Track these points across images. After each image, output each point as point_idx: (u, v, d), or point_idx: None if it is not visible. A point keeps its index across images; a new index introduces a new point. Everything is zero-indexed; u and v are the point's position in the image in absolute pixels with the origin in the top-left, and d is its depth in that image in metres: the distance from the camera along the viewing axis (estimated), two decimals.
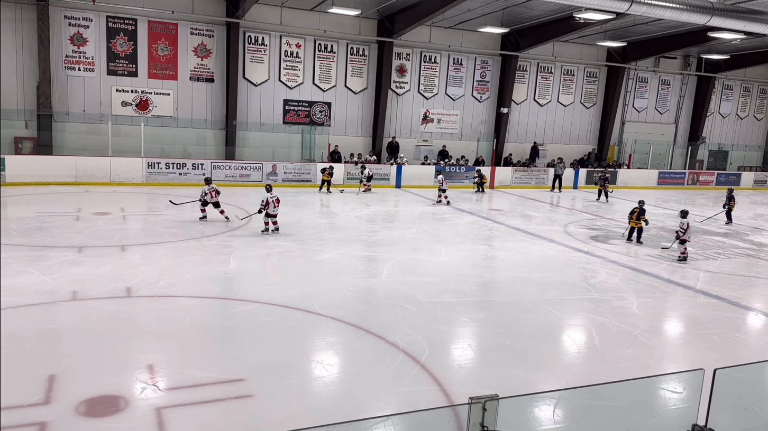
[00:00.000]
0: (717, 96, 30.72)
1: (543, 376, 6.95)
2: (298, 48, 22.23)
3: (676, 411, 3.82)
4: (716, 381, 3.28)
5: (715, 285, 11.15)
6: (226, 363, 6.70)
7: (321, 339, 7.70)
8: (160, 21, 20.24)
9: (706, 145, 30.82)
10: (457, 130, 25.60)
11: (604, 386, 3.60)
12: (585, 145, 28.23)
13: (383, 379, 6.56)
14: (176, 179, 19.77)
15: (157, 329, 7.62)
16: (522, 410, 3.61)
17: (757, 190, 29.29)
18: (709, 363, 6.67)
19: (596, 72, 27.70)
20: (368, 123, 23.92)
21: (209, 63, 21.16)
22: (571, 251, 13.42)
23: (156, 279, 9.50)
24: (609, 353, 7.74)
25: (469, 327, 8.58)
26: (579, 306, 9.59)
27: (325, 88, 22.95)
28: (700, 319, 9.26)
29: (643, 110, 29.28)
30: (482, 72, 25.45)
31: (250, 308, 8.57)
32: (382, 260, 11.81)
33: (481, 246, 13.64)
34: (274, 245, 12.43)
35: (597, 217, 18.29)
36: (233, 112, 21.28)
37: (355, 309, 8.80)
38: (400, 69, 23.97)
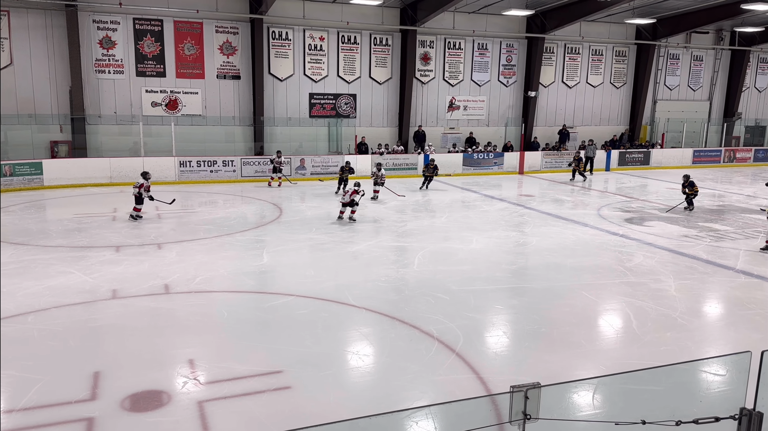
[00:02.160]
0: (752, 70, 29.72)
1: (581, 362, 6.88)
2: (322, 41, 22.25)
3: (721, 395, 3.73)
4: (764, 363, 3.19)
5: (755, 264, 10.85)
6: (263, 356, 6.80)
7: (355, 330, 7.75)
8: (185, 20, 20.47)
9: (743, 120, 29.88)
10: (484, 116, 25.33)
11: (646, 371, 3.54)
12: (616, 125, 27.66)
13: (419, 368, 6.58)
14: (208, 176, 20.05)
15: (195, 324, 7.77)
16: (562, 397, 3.58)
17: None
18: (751, 344, 6.51)
19: (625, 51, 27.05)
20: (394, 113, 23.85)
21: (235, 60, 21.33)
22: (606, 234, 13.20)
23: (192, 275, 9.68)
24: (648, 337, 7.61)
25: (503, 315, 8.53)
26: (615, 290, 9.44)
27: (349, 80, 22.94)
28: (741, 300, 9.03)
29: (675, 88, 28.53)
30: (508, 56, 25.10)
31: (285, 301, 8.67)
32: (413, 250, 11.80)
33: (513, 232, 13.52)
34: (306, 238, 12.52)
35: (631, 199, 17.95)
36: (260, 107, 21.45)
37: (388, 299, 8.82)
38: (424, 57, 23.79)
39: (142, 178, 13.81)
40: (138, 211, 13.74)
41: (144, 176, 13.86)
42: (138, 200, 13.62)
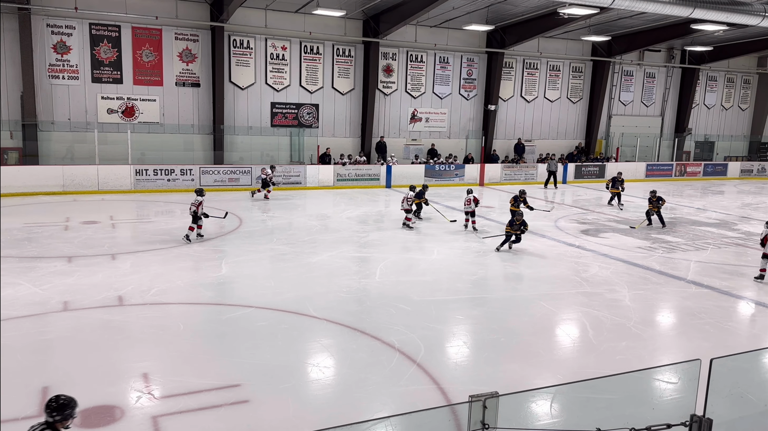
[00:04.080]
0: (701, 87, 30.95)
1: (539, 371, 6.98)
2: (284, 50, 22.17)
3: (673, 402, 3.84)
4: (712, 370, 3.30)
5: (705, 275, 11.24)
6: (221, 369, 6.67)
7: (316, 342, 7.68)
8: (143, 27, 20.10)
9: (693, 136, 31.04)
10: (446, 128, 25.62)
11: (602, 380, 3.61)
12: (573, 139, 28.36)
13: (380, 380, 6.56)
14: (165, 185, 19.65)
15: (150, 337, 7.57)
16: (520, 406, 3.62)
17: (744, 179, 29.56)
18: (703, 353, 6.71)
19: (582, 67, 27.82)
20: (356, 123, 23.89)
21: (195, 68, 21.04)
22: (563, 245, 13.47)
23: (148, 286, 9.44)
24: (604, 346, 7.78)
25: (463, 325, 8.59)
26: (572, 300, 9.63)
27: (312, 90, 22.90)
28: (692, 310, 9.33)
29: (629, 103, 29.46)
30: (469, 70, 25.49)
31: (244, 313, 8.53)
32: (375, 260, 11.80)
33: (474, 243, 13.66)
34: (267, 249, 12.38)
35: (587, 211, 18.38)
36: (220, 116, 21.18)
37: (349, 310, 8.78)
38: (387, 69, 23.96)
39: (197, 194, 12.75)
40: (193, 229, 12.73)
41: (199, 193, 12.80)
42: (195, 219, 12.67)
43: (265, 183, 18.94)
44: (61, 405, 4.08)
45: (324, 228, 15.01)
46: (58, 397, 4.14)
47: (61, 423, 4.08)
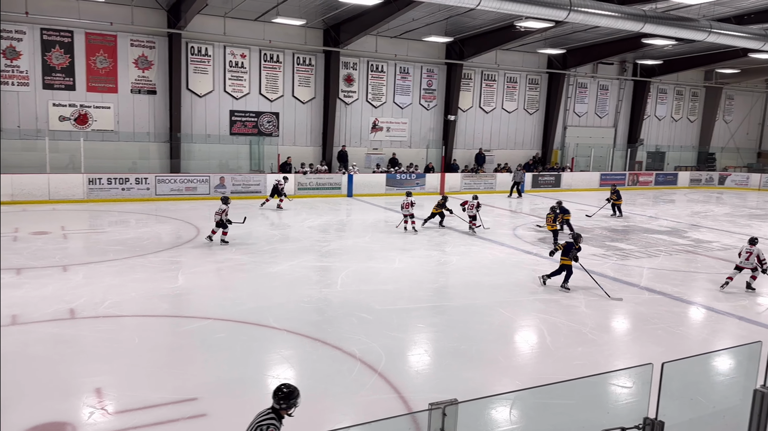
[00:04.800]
0: (652, 99, 32.05)
1: (498, 378, 7.05)
2: (243, 58, 21.97)
3: (627, 406, 3.93)
4: (664, 374, 3.39)
5: (658, 281, 11.58)
6: (177, 383, 6.51)
7: (276, 353, 7.59)
8: (98, 33, 19.62)
9: (644, 146, 32.08)
10: (407, 138, 25.80)
11: (558, 385, 3.68)
12: (530, 149, 28.93)
13: (341, 390, 6.51)
14: (119, 195, 19.16)
15: (103, 351, 7.34)
16: (480, 413, 3.65)
17: (693, 188, 30.69)
18: (655, 357, 6.90)
19: (538, 79, 28.46)
20: (318, 132, 23.82)
21: (151, 75, 20.64)
22: (521, 253, 13.69)
23: (101, 299, 9.16)
24: (561, 352, 7.92)
25: (425, 333, 8.63)
26: (530, 307, 9.79)
27: (272, 98, 22.74)
28: (645, 315, 9.59)
29: (583, 115, 30.25)
30: (429, 80, 25.77)
31: (202, 325, 8.36)
32: (336, 270, 11.75)
33: (434, 252, 13.76)
34: (225, 259, 12.18)
35: (544, 219, 18.72)
36: (177, 124, 20.81)
37: (310, 320, 8.71)
38: (348, 78, 24.00)
39: (223, 203, 13.34)
40: (215, 233, 13.40)
41: (225, 201, 13.40)
42: (220, 224, 13.23)
43: (278, 191, 19.10)
44: (287, 394, 4.31)
45: (284, 237, 14.88)
46: (285, 386, 4.37)
47: (285, 410, 4.31)
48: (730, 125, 34.69)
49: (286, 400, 4.29)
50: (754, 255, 11.09)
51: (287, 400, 4.29)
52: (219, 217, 13.15)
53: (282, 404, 4.28)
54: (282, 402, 4.28)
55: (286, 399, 4.29)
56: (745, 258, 11.17)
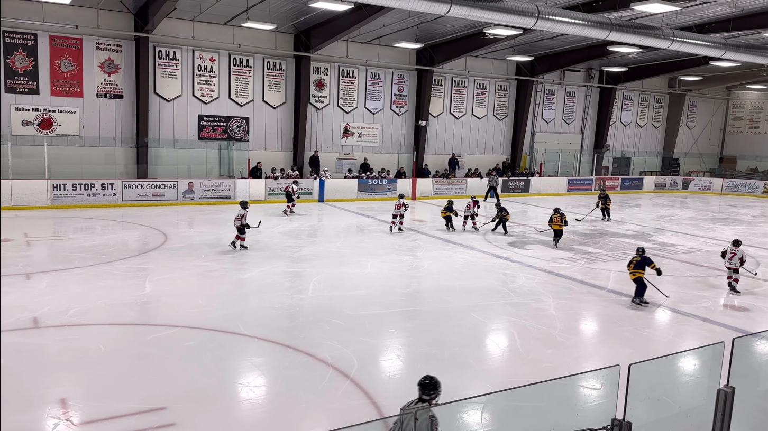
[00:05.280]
0: (618, 106, 32.74)
1: (470, 381, 7.09)
2: (212, 62, 21.75)
3: (596, 407, 4.00)
4: (631, 375, 3.46)
5: (624, 284, 11.80)
6: (145, 392, 6.38)
7: (246, 361, 7.50)
8: (62, 36, 19.19)
9: (611, 152, 32.73)
10: (378, 143, 25.84)
11: (529, 387, 3.71)
12: (499, 155, 29.26)
13: (313, 397, 6.47)
14: (85, 201, 18.74)
15: (68, 360, 7.15)
16: (452, 417, 3.67)
17: (658, 193, 31.42)
18: (623, 358, 7.04)
19: (507, 85, 28.83)
20: (288, 137, 23.69)
21: (117, 79, 20.27)
22: (491, 258, 13.82)
23: (66, 307, 8.93)
24: (531, 354, 8.01)
25: (397, 338, 8.63)
26: (501, 311, 9.88)
27: (242, 103, 22.54)
28: (612, 317, 9.77)
29: (551, 121, 30.74)
30: (399, 86, 25.87)
31: (170, 333, 8.22)
32: (308, 275, 11.68)
33: (406, 256, 13.79)
34: (194, 265, 12.01)
35: (513, 224, 18.95)
36: (144, 128, 20.47)
37: (281, 327, 8.64)
38: (319, 83, 23.95)
39: (242, 207, 13.47)
40: (243, 240, 13.47)
41: (244, 206, 13.54)
42: (241, 230, 13.33)
43: (289, 197, 19.28)
44: (435, 383, 4.54)
45: (254, 243, 14.72)
46: (429, 377, 4.57)
47: (434, 399, 4.48)
48: (693, 131, 35.65)
49: (435, 390, 4.52)
50: (737, 256, 11.55)
51: (436, 389, 4.53)
52: (239, 222, 13.23)
53: (432, 394, 4.51)
54: (432, 393, 4.51)
55: (435, 389, 4.52)
56: (729, 258, 11.70)
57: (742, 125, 35.80)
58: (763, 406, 5.43)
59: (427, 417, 3.99)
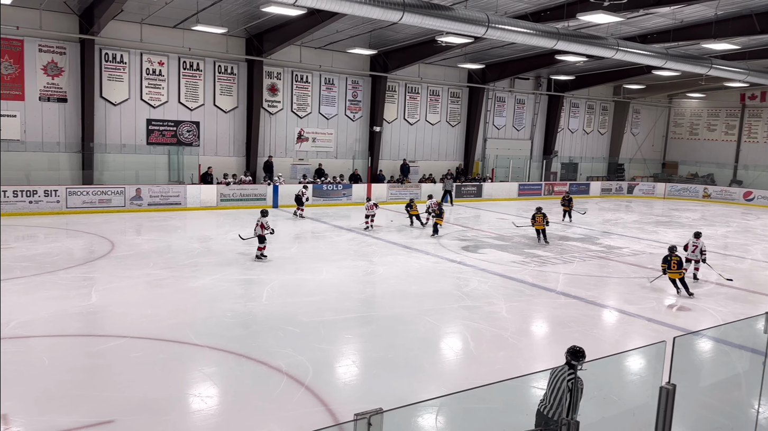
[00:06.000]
0: (566, 113, 33.67)
1: (425, 385, 7.14)
2: (161, 66, 21.27)
3: None
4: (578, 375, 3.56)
5: (573, 286, 12.14)
6: (92, 405, 6.17)
7: (198, 371, 7.34)
8: (2, 37, 18.38)
9: (559, 158, 33.60)
10: (333, 149, 25.78)
11: (482, 389, 3.78)
12: (452, 161, 29.64)
13: (267, 405, 6.39)
14: (26, 208, 17.99)
15: (10, 374, 6.83)
16: (407, 421, 3.69)
17: (604, 197, 32.43)
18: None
19: (459, 92, 29.26)
20: (241, 142, 23.37)
21: (61, 82, 19.57)
22: (445, 262, 13.97)
23: (7, 319, 8.54)
24: (484, 357, 8.14)
25: (352, 344, 8.62)
26: (455, 314, 10.00)
27: (192, 107, 22.11)
28: (562, 319, 10.02)
29: (502, 127, 31.36)
30: (354, 92, 25.91)
31: (118, 343, 7.97)
32: (262, 283, 11.54)
33: (361, 262, 13.79)
34: (142, 274, 11.69)
35: (467, 228, 19.23)
36: (90, 133, 19.82)
37: (234, 335, 8.50)
38: (272, 88, 23.74)
39: (262, 215, 13.54)
40: (262, 249, 13.43)
41: (264, 214, 13.67)
42: (261, 239, 13.33)
43: (299, 200, 19.90)
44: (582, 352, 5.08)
45: (206, 250, 14.46)
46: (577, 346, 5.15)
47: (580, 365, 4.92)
48: (637, 137, 36.99)
49: (583, 357, 5.04)
50: (699, 248, 12.51)
51: (583, 357, 5.04)
52: (261, 230, 13.25)
53: (580, 360, 5.00)
54: (581, 359, 5.01)
55: (583, 356, 5.04)
56: (692, 251, 12.69)
57: (683, 132, 37.37)
58: (704, 401, 5.68)
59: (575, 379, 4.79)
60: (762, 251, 17.36)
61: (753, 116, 34.04)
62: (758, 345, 5.37)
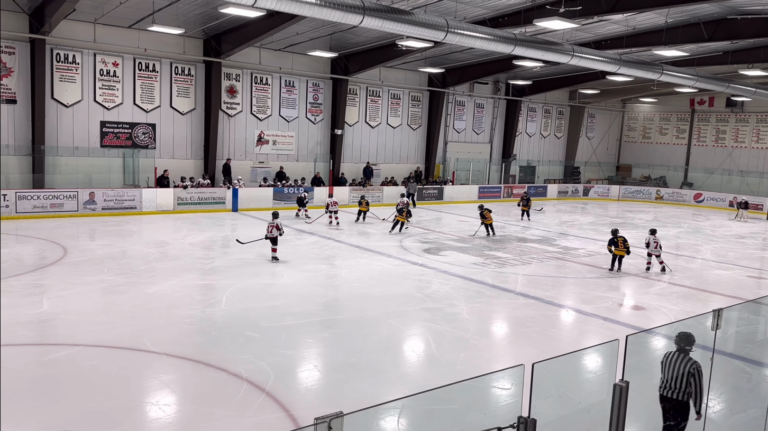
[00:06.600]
0: (523, 117, 34.29)
1: (387, 388, 7.15)
2: (116, 66, 20.74)
3: (505, 407, 4.15)
4: (535, 374, 3.62)
5: (531, 287, 12.35)
6: (44, 416, 5.96)
7: (155, 379, 7.18)
8: None
9: (517, 161, 34.20)
10: (294, 151, 25.59)
11: (443, 390, 3.80)
12: (414, 164, 29.82)
13: (226, 413, 6.29)
14: None
15: None
16: (369, 424, 3.68)
17: (561, 199, 33.14)
18: (530, 358, 7.32)
19: (420, 96, 29.48)
20: (199, 145, 22.97)
21: (10, 83, 18.87)
22: (407, 264, 14.03)
23: None
24: (445, 358, 8.20)
25: (314, 348, 8.57)
26: (416, 316, 10.05)
27: (148, 109, 21.63)
28: (521, 319, 10.19)
29: (462, 131, 31.72)
30: (315, 94, 25.79)
31: (71, 352, 7.73)
32: (221, 288, 11.36)
33: (323, 265, 13.73)
34: (96, 280, 11.36)
35: (428, 231, 19.36)
36: (41, 135, 19.17)
37: (192, 342, 8.34)
38: (231, 90, 23.42)
39: (274, 217, 13.82)
40: (275, 251, 13.75)
41: (276, 215, 13.93)
42: (275, 241, 13.61)
43: (301, 202, 20.65)
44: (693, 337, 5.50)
45: (163, 255, 14.15)
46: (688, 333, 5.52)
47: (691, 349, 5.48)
48: (593, 141, 37.94)
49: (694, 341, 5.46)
50: (658, 244, 13.94)
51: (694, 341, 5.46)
52: (274, 232, 13.50)
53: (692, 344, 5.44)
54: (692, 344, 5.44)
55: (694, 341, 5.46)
56: (654, 247, 13.99)
57: (636, 136, 38.52)
58: (657, 397, 5.85)
59: (694, 361, 5.45)
60: (712, 251, 18.03)
61: (702, 120, 35.36)
62: (707, 341, 5.57)
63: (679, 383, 5.45)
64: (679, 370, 5.46)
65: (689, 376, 5.42)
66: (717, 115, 34.55)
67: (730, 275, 14.52)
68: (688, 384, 5.43)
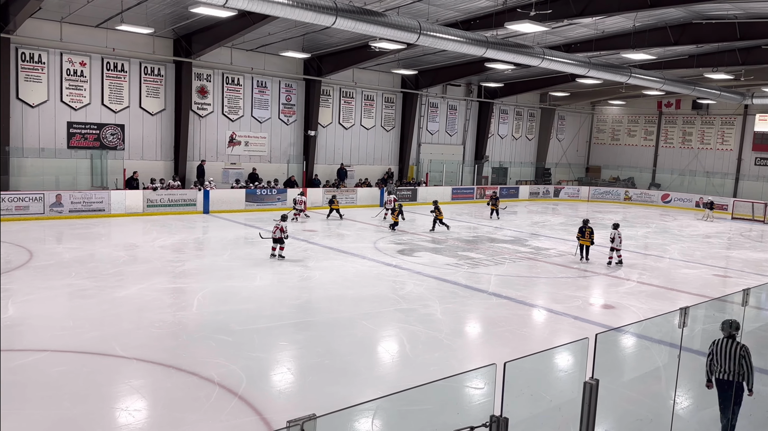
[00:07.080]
0: (495, 119, 34.63)
1: (361, 389, 7.15)
2: (83, 66, 20.33)
3: (478, 406, 4.18)
4: (507, 373, 3.66)
5: (504, 287, 12.47)
6: (10, 425, 5.80)
7: (125, 384, 7.05)
8: None
9: (490, 162, 34.52)
10: (267, 153, 25.40)
11: (416, 391, 3.81)
12: (387, 165, 29.87)
13: (198, 417, 6.21)
14: None
15: None
16: (342, 426, 3.67)
17: (533, 200, 33.55)
18: (502, 357, 7.38)
19: (393, 98, 29.54)
20: (169, 146, 22.64)
21: None
22: (381, 266, 14.04)
23: None
24: (419, 359, 8.23)
25: (288, 351, 8.51)
26: (391, 318, 10.06)
27: (116, 110, 21.24)
28: (493, 319, 10.28)
29: (435, 133, 31.89)
30: (287, 95, 25.64)
31: (37, 358, 7.54)
32: (192, 291, 11.21)
33: (297, 267, 13.65)
34: (63, 284, 11.11)
35: (403, 232, 19.40)
36: (5, 136, 18.67)
37: (163, 346, 8.21)
38: (202, 90, 23.15)
39: (282, 219, 14.40)
40: (282, 249, 14.13)
41: (284, 218, 14.60)
42: (279, 240, 14.00)
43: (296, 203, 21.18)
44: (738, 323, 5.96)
45: (132, 258, 13.90)
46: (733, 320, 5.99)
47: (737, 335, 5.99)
48: (563, 143, 38.50)
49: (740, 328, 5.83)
50: (620, 238, 14.87)
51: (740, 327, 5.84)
52: (280, 233, 13.88)
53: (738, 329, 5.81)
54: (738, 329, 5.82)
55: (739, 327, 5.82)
56: (618, 242, 14.90)
57: (605, 137, 39.20)
58: (626, 395, 5.96)
59: (742, 344, 5.93)
60: (679, 250, 18.44)
61: (669, 122, 36.16)
62: (675, 339, 5.69)
63: (735, 366, 5.97)
64: (732, 354, 5.97)
65: (741, 358, 5.95)
66: (683, 117, 35.37)
67: (697, 274, 14.88)
68: (740, 365, 5.95)
